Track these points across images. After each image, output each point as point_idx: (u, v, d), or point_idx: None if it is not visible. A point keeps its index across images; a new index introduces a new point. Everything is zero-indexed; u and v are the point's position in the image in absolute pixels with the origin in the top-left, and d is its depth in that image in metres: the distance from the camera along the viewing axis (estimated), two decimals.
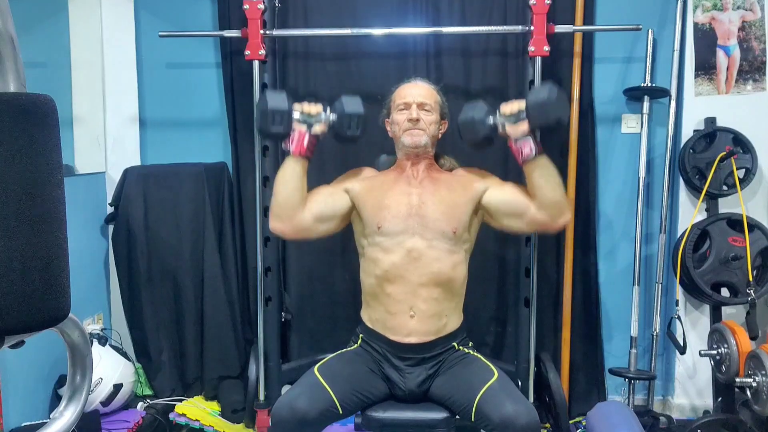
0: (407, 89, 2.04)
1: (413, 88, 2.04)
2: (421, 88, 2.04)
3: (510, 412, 1.64)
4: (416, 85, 2.05)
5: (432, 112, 2.02)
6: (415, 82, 2.06)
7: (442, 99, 2.07)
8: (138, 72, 2.91)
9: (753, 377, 2.20)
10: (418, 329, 1.88)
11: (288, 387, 2.72)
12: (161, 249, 2.80)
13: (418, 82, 2.07)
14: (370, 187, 2.02)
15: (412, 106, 1.99)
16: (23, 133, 0.65)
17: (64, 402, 0.91)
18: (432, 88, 2.06)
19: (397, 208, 1.93)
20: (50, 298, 0.68)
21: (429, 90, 2.05)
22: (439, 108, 2.06)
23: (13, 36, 0.73)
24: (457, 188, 1.99)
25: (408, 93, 2.02)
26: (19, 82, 0.74)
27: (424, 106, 2.00)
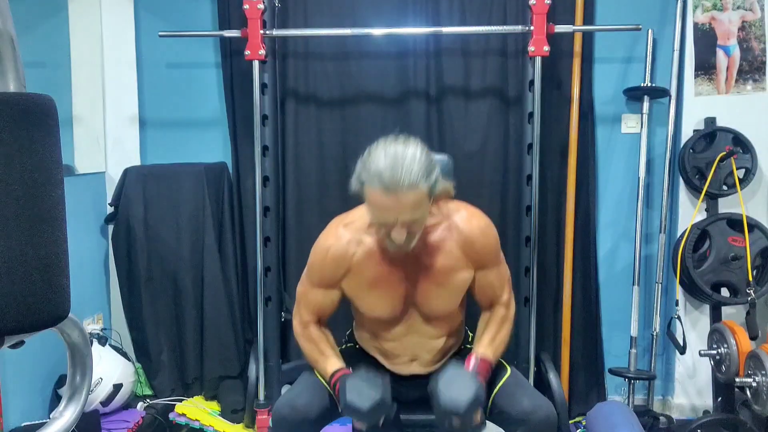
0: (386, 204, 1.47)
1: (394, 203, 1.46)
2: (404, 202, 1.46)
3: (528, 407, 1.64)
4: (397, 196, 1.45)
5: (421, 217, 1.53)
6: (396, 191, 1.44)
7: (431, 185, 1.50)
8: (138, 72, 2.91)
9: (753, 377, 2.20)
10: (421, 368, 1.81)
11: (288, 387, 2.73)
12: (161, 249, 2.80)
13: (399, 189, 1.44)
14: (356, 284, 1.70)
15: (395, 228, 1.51)
16: (23, 133, 0.65)
17: (64, 402, 0.91)
18: (418, 189, 1.46)
19: (390, 305, 1.71)
20: (50, 298, 0.68)
21: (415, 198, 1.47)
22: (429, 198, 1.53)
23: (13, 36, 0.73)
24: (450, 273, 1.68)
25: (388, 212, 1.48)
26: (19, 82, 0.74)
27: (412, 226, 1.52)
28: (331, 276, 1.71)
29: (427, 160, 1.50)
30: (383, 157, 1.47)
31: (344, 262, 1.69)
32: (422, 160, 1.48)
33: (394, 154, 1.47)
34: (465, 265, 1.70)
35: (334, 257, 1.69)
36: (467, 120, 2.77)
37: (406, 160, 1.46)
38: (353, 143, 2.81)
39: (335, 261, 1.69)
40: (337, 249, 1.69)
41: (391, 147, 1.49)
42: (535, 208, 2.48)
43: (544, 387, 2.58)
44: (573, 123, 2.71)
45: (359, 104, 2.80)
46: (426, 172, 1.48)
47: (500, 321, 1.78)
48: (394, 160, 1.45)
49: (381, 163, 1.46)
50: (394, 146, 1.49)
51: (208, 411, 2.75)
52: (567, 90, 2.72)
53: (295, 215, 2.84)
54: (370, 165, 1.49)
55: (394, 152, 1.47)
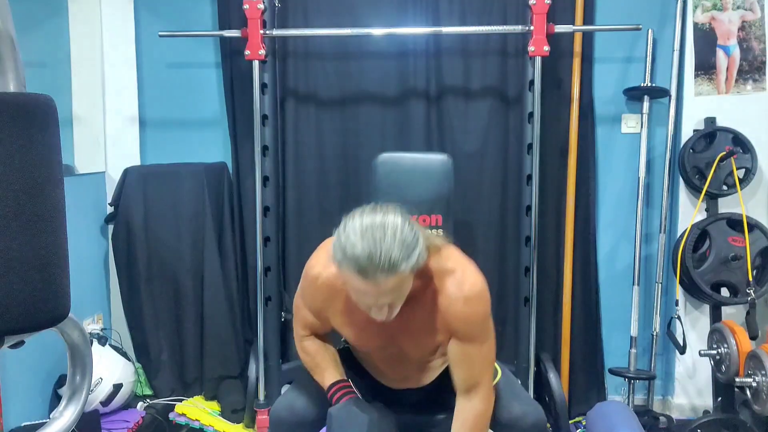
0: (364, 289, 1.36)
1: (373, 289, 1.35)
2: (383, 287, 1.35)
3: (518, 412, 1.63)
4: (376, 283, 1.33)
5: (402, 298, 1.42)
6: (375, 278, 1.32)
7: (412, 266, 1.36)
8: (138, 72, 2.91)
9: (753, 377, 2.20)
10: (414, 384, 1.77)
11: (288, 387, 2.73)
12: (161, 249, 2.80)
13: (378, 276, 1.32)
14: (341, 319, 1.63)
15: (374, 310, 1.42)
16: (23, 133, 0.65)
17: (64, 402, 0.91)
18: (398, 273, 1.33)
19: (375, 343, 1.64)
20: (50, 298, 0.68)
21: (395, 282, 1.35)
22: (411, 279, 1.40)
23: (13, 36, 0.73)
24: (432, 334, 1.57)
25: (367, 296, 1.38)
26: (19, 82, 0.74)
27: (392, 304, 1.42)
28: (320, 306, 1.63)
29: (409, 235, 1.35)
30: (360, 239, 1.32)
31: (332, 296, 1.58)
32: (403, 239, 1.33)
33: (372, 236, 1.32)
34: (444, 332, 1.54)
35: (323, 290, 1.58)
36: (467, 120, 2.77)
37: (385, 242, 1.31)
38: (353, 143, 2.81)
39: (323, 294, 1.59)
40: (326, 281, 1.56)
41: (368, 225, 1.34)
42: (535, 208, 2.48)
43: (544, 387, 2.58)
44: (573, 123, 2.71)
45: (359, 104, 2.80)
46: (407, 252, 1.33)
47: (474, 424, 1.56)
48: (371, 244, 1.31)
49: (357, 248, 1.31)
50: (372, 225, 1.34)
51: (208, 411, 2.75)
52: (567, 90, 2.72)
53: (295, 215, 2.84)
54: (345, 246, 1.33)
55: (372, 234, 1.32)
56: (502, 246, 2.80)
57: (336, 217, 3.02)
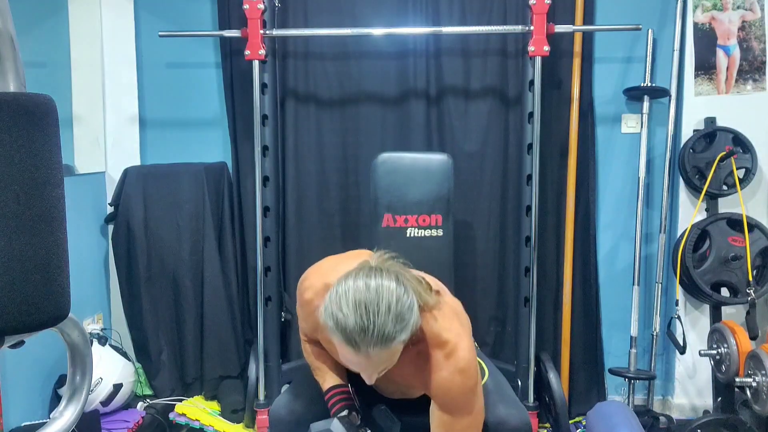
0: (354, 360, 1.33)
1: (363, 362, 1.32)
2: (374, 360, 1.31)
3: (502, 415, 1.63)
4: (367, 357, 1.29)
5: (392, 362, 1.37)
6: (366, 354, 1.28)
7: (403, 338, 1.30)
8: (138, 72, 2.91)
9: (753, 377, 2.20)
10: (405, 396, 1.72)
11: (287, 386, 2.73)
12: (161, 249, 2.80)
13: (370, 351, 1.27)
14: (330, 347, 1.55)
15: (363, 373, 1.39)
16: (23, 132, 0.65)
17: (64, 402, 0.91)
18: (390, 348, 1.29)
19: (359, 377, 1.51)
20: (50, 298, 0.68)
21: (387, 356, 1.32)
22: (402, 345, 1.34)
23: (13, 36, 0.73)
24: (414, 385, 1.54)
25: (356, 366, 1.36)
26: (19, 82, 0.74)
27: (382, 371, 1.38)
28: (313, 330, 1.60)
29: (405, 305, 1.29)
30: (352, 311, 1.25)
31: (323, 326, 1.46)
32: (397, 312, 1.27)
33: (365, 309, 1.25)
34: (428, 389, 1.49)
35: (313, 316, 1.46)
36: (467, 120, 2.77)
37: (379, 317, 1.25)
38: (353, 143, 2.81)
39: (314, 320, 1.47)
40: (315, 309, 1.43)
41: (361, 298, 1.26)
42: (535, 208, 2.47)
43: (544, 387, 2.58)
44: (573, 123, 2.71)
45: (359, 104, 2.80)
46: (401, 326, 1.27)
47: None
48: (364, 318, 1.24)
49: (350, 321, 1.25)
50: (366, 296, 1.26)
51: (208, 411, 2.75)
52: (567, 90, 2.72)
53: (295, 215, 2.84)
54: (337, 316, 1.27)
55: (365, 307, 1.25)
56: (502, 246, 2.80)
57: (336, 217, 3.05)
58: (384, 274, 1.32)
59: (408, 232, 2.40)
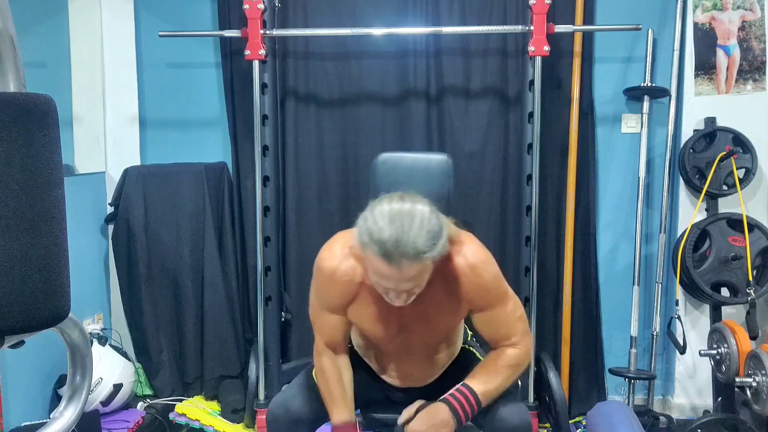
0: (387, 273, 1.38)
1: (395, 274, 1.37)
2: (406, 272, 1.37)
3: (501, 413, 1.63)
4: (399, 267, 1.35)
5: (421, 286, 1.46)
6: (399, 263, 1.34)
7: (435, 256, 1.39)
8: (138, 72, 2.91)
9: (753, 377, 2.20)
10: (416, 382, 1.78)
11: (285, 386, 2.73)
12: (161, 249, 2.80)
13: (402, 260, 1.34)
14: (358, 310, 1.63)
15: (393, 294, 1.45)
16: (23, 132, 0.65)
17: (64, 402, 0.91)
18: (422, 261, 1.37)
19: (388, 332, 1.64)
20: (50, 298, 0.68)
21: (418, 270, 1.39)
22: (432, 267, 1.43)
23: (13, 36, 0.73)
24: (447, 313, 1.62)
25: (389, 280, 1.40)
26: (19, 82, 0.74)
27: (412, 290, 1.44)
28: (338, 301, 1.61)
29: (436, 225, 1.38)
30: (387, 223, 1.35)
31: (350, 287, 1.57)
32: (429, 228, 1.36)
33: (400, 222, 1.34)
34: (459, 304, 1.58)
35: (341, 282, 1.56)
36: (467, 120, 2.77)
37: (413, 229, 1.34)
38: (353, 143, 2.81)
39: (341, 286, 1.57)
40: (343, 274, 1.56)
41: (396, 212, 1.36)
42: (535, 208, 2.47)
43: (544, 387, 2.58)
44: (573, 123, 2.71)
45: (359, 104, 2.80)
46: (432, 241, 1.36)
47: (506, 365, 1.62)
48: (398, 230, 1.33)
49: (385, 232, 1.34)
50: (400, 211, 1.36)
51: (208, 411, 2.75)
52: (567, 90, 2.72)
53: (295, 215, 2.84)
54: (372, 229, 1.36)
55: (400, 220, 1.35)
56: (502, 246, 2.80)
57: (336, 217, 3.05)
58: (417, 199, 1.42)
59: None
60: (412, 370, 1.74)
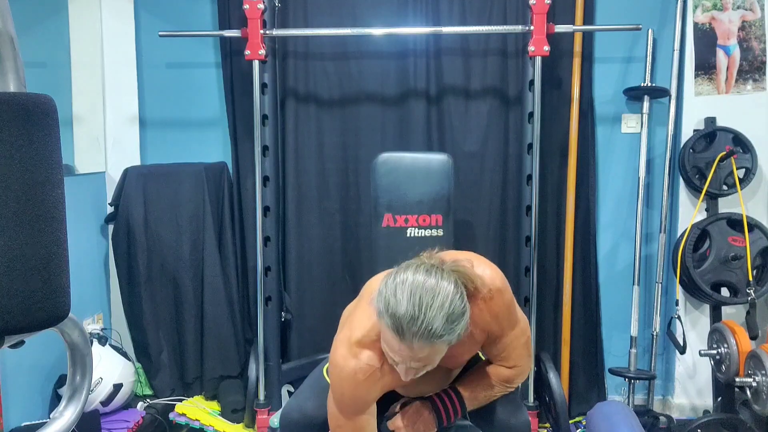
0: (398, 348, 1.32)
1: (407, 351, 1.31)
2: (417, 353, 1.31)
3: (501, 415, 1.64)
4: (411, 347, 1.30)
5: (434, 364, 1.39)
6: (411, 343, 1.28)
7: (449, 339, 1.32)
8: (138, 72, 2.91)
9: (753, 377, 2.20)
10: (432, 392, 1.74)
11: (288, 386, 2.73)
12: (161, 249, 2.80)
13: (414, 342, 1.28)
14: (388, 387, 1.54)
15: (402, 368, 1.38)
16: (23, 132, 0.65)
17: (64, 402, 0.91)
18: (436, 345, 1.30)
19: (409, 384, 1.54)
20: (50, 298, 0.68)
21: (430, 352, 1.33)
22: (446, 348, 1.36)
23: (13, 36, 0.73)
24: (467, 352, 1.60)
25: (399, 355, 1.34)
26: (19, 82, 0.74)
27: (423, 367, 1.38)
28: (367, 397, 1.52)
29: (458, 308, 1.30)
30: (406, 298, 1.27)
31: (376, 379, 1.48)
32: (449, 312, 1.28)
33: (420, 299, 1.27)
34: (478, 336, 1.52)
35: (366, 379, 1.47)
36: (467, 120, 2.77)
37: (431, 310, 1.26)
38: (353, 143, 2.81)
39: (367, 383, 1.48)
40: (365, 370, 1.46)
41: (418, 286, 1.28)
42: (535, 208, 2.48)
43: (544, 387, 2.58)
44: (573, 123, 2.71)
45: (359, 104, 2.80)
46: (450, 327, 1.28)
47: (499, 381, 1.61)
48: (416, 308, 1.26)
49: (401, 308, 1.27)
50: (422, 286, 1.28)
51: (208, 411, 2.75)
52: (567, 90, 2.72)
53: (295, 215, 2.84)
54: (389, 301, 1.29)
55: (420, 297, 1.27)
56: (502, 246, 2.80)
57: (336, 217, 3.04)
58: (443, 275, 1.32)
59: (408, 232, 2.40)
60: (427, 389, 1.70)
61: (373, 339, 1.45)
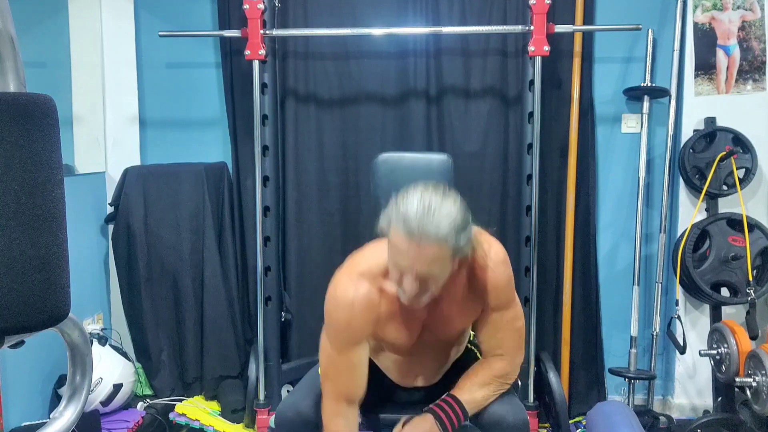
0: (405, 248, 1.38)
1: (414, 251, 1.37)
2: (424, 253, 1.37)
3: (497, 412, 1.64)
4: (419, 245, 1.36)
5: (439, 276, 1.43)
6: (419, 240, 1.35)
7: (457, 247, 1.40)
8: (138, 72, 2.91)
9: (753, 377, 2.20)
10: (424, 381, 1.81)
11: (288, 387, 2.73)
12: (161, 249, 2.80)
13: (423, 239, 1.35)
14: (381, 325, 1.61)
15: (407, 277, 1.42)
16: (23, 132, 0.65)
17: (64, 402, 0.91)
18: (443, 246, 1.37)
19: (406, 336, 1.64)
20: (50, 297, 0.68)
21: (436, 253, 1.38)
22: (452, 259, 1.42)
23: (13, 36, 0.73)
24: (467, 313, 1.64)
25: (405, 257, 1.39)
26: (19, 82, 0.74)
27: (427, 281, 1.42)
28: (361, 330, 1.55)
29: (462, 220, 1.39)
30: (417, 203, 1.37)
31: (372, 312, 1.54)
32: (455, 218, 1.38)
33: (429, 203, 1.37)
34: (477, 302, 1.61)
35: (362, 309, 1.53)
36: (467, 120, 2.77)
37: (440, 213, 1.36)
38: (353, 143, 2.81)
39: (363, 313, 1.53)
40: (363, 299, 1.53)
41: (427, 195, 1.39)
42: (535, 208, 2.47)
43: (544, 387, 2.58)
44: (573, 123, 2.71)
45: (359, 104, 2.80)
46: (456, 231, 1.37)
47: (492, 376, 1.64)
48: (426, 209, 1.36)
49: (412, 209, 1.36)
50: (432, 196, 1.39)
51: (208, 411, 2.75)
52: (567, 90, 2.72)
53: (295, 215, 2.84)
54: (400, 207, 1.39)
55: (429, 202, 1.37)
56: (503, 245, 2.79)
57: (336, 217, 3.04)
58: (451, 194, 1.42)
59: None
60: (422, 369, 1.75)
61: (375, 274, 1.53)
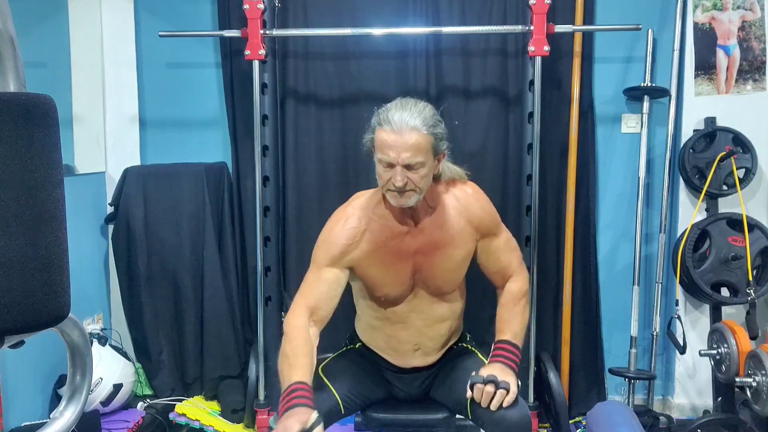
0: (391, 140, 1.58)
1: (398, 140, 1.57)
2: (407, 139, 1.57)
3: (501, 410, 1.64)
4: (401, 134, 1.57)
5: (422, 166, 1.61)
6: (400, 129, 1.57)
7: (435, 136, 1.62)
8: (138, 72, 2.91)
9: (753, 377, 2.20)
10: (423, 359, 1.87)
11: None
12: (161, 249, 2.80)
13: (403, 127, 1.57)
14: (366, 258, 1.75)
15: (396, 168, 1.59)
16: (23, 132, 0.65)
17: (64, 402, 0.91)
18: (421, 132, 1.58)
19: (399, 280, 1.76)
20: (50, 298, 0.68)
21: (417, 140, 1.58)
22: (432, 152, 1.63)
23: (13, 36, 0.73)
24: (457, 245, 1.77)
25: (391, 148, 1.58)
26: (19, 82, 0.74)
27: (412, 167, 1.60)
28: (343, 249, 1.73)
29: (436, 118, 1.64)
30: (396, 103, 1.64)
31: (357, 233, 1.74)
32: (430, 114, 1.63)
33: (405, 102, 1.64)
34: (469, 234, 1.78)
35: (348, 228, 1.74)
36: (467, 120, 2.77)
37: (416, 107, 1.62)
38: (353, 143, 2.80)
39: (349, 231, 1.74)
40: (350, 222, 1.75)
41: (403, 99, 1.66)
42: (535, 208, 2.48)
43: (544, 387, 2.58)
44: (573, 123, 2.71)
45: (359, 104, 2.80)
46: (431, 122, 1.61)
47: (516, 299, 1.85)
48: (403, 105, 1.62)
49: (392, 108, 1.62)
50: (407, 99, 1.66)
51: (208, 411, 2.75)
52: (567, 90, 2.72)
53: (295, 215, 2.84)
54: (381, 112, 1.64)
55: (405, 102, 1.64)
56: None
57: None
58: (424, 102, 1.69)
59: None
60: (421, 337, 1.81)
61: (366, 205, 1.77)
